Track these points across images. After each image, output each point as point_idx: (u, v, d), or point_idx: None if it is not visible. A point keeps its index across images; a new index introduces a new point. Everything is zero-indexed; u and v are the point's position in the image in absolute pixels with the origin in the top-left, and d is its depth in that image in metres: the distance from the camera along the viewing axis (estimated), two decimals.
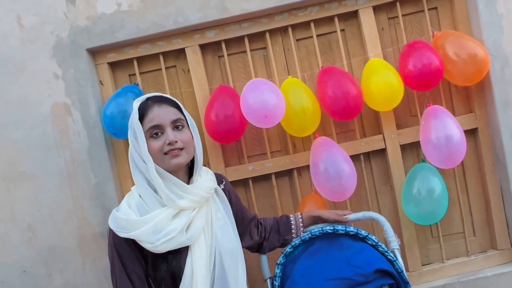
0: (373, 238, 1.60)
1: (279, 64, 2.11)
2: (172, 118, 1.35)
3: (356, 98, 1.90)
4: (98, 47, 2.03)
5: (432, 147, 1.88)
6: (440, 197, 1.88)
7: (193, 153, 1.40)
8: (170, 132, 1.33)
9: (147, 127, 1.33)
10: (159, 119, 1.34)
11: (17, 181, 2.03)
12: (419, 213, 1.91)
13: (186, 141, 1.36)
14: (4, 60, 2.01)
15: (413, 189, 1.91)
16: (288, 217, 1.71)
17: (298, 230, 1.68)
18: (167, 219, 1.31)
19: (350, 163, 1.89)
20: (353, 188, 1.88)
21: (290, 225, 1.69)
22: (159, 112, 1.34)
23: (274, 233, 1.68)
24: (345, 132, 2.12)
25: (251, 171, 2.08)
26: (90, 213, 2.03)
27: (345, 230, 1.61)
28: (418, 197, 1.89)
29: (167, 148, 1.33)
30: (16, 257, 2.04)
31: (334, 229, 1.62)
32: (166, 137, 1.33)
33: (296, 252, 1.66)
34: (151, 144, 1.33)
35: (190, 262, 1.32)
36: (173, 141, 1.32)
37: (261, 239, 1.67)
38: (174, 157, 1.33)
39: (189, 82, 2.10)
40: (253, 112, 1.84)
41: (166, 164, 1.34)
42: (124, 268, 1.32)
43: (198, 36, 2.06)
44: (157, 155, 1.33)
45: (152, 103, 1.36)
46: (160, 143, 1.33)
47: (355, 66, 2.10)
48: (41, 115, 2.02)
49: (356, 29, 2.11)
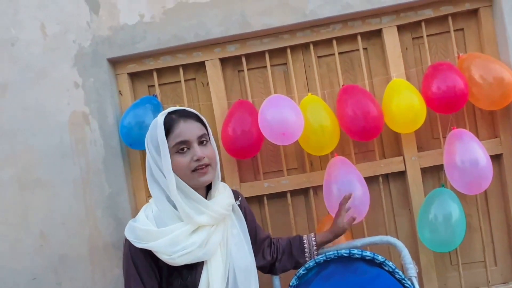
0: (390, 264, 1.55)
1: (299, 81, 2.09)
2: (198, 134, 1.34)
3: (377, 119, 1.85)
4: (119, 58, 2.04)
5: (457, 171, 1.82)
6: (458, 224, 1.81)
7: (218, 168, 1.39)
8: (197, 148, 1.32)
9: (173, 142, 1.31)
10: (185, 135, 1.32)
11: (31, 187, 2.03)
12: (434, 240, 1.84)
13: (211, 156, 1.35)
14: (26, 66, 2.03)
15: (430, 215, 1.84)
16: (301, 239, 1.66)
17: (312, 252, 1.64)
18: (185, 234, 1.29)
19: (364, 185, 1.84)
20: (365, 211, 1.83)
21: (303, 247, 1.64)
22: (186, 127, 1.33)
23: (287, 255, 1.64)
24: (364, 152, 2.07)
25: (266, 188, 2.04)
26: (102, 223, 2.01)
27: (361, 255, 1.56)
28: (435, 222, 1.83)
29: (194, 164, 1.31)
30: (26, 264, 2.04)
31: (349, 253, 1.57)
32: (193, 153, 1.31)
33: (310, 275, 1.61)
34: (177, 160, 1.31)
35: (206, 277, 1.30)
36: (201, 157, 1.31)
37: (273, 260, 1.63)
38: (203, 175, 1.32)
39: (207, 96, 2.09)
40: (271, 129, 1.81)
41: (194, 181, 1.32)
42: (141, 280, 1.30)
43: (219, 50, 2.05)
44: (183, 172, 1.31)
45: (177, 118, 1.34)
46: (187, 159, 1.31)
47: (377, 86, 2.06)
48: (59, 122, 2.02)
49: (379, 48, 2.08)
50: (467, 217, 2.01)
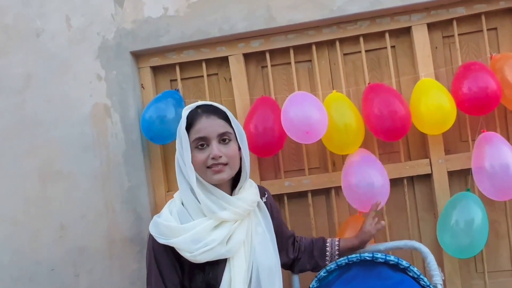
0: (415, 270, 1.49)
1: (323, 78, 2.04)
2: (219, 131, 1.31)
3: (404, 119, 1.79)
4: (142, 51, 2.02)
5: (485, 176, 1.75)
6: (480, 230, 1.75)
7: (237, 168, 1.35)
8: (215, 145, 1.29)
9: (193, 137, 1.30)
10: (205, 131, 1.30)
11: (52, 179, 2.04)
12: (454, 245, 1.78)
13: (231, 155, 1.31)
14: (50, 58, 2.04)
15: (451, 219, 1.78)
16: (325, 242, 1.62)
17: (333, 256, 1.60)
18: (207, 229, 1.27)
19: (385, 175, 1.77)
20: (385, 199, 1.77)
21: (325, 250, 1.60)
22: (207, 124, 1.30)
23: (307, 255, 1.61)
24: (388, 153, 2.01)
25: (287, 186, 2.00)
26: (121, 216, 2.01)
27: (384, 259, 1.51)
28: (455, 228, 1.76)
29: (210, 162, 1.29)
30: (46, 255, 2.04)
31: (373, 257, 1.51)
32: (210, 150, 1.29)
33: (331, 277, 1.56)
34: (196, 155, 1.29)
35: (228, 275, 1.27)
36: (217, 155, 1.28)
37: (295, 258, 1.60)
38: (217, 173, 1.29)
39: (230, 91, 2.06)
40: (294, 127, 1.77)
41: (208, 178, 1.30)
42: (161, 276, 1.29)
43: (243, 45, 2.02)
44: (200, 168, 1.30)
45: (201, 113, 1.32)
46: (204, 156, 1.29)
47: (404, 85, 2.00)
48: (81, 115, 2.02)
49: (407, 47, 2.01)
50: (495, 224, 1.97)
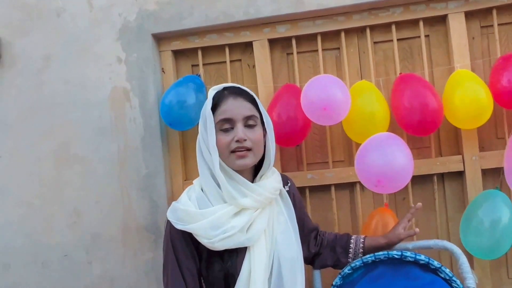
0: (447, 271, 1.38)
1: (352, 67, 1.94)
2: (245, 114, 1.25)
3: (436, 112, 1.69)
4: (164, 33, 1.95)
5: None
6: (507, 230, 1.63)
7: (261, 155, 1.29)
8: (240, 128, 1.24)
9: (218, 118, 1.25)
10: (231, 113, 1.24)
11: (68, 163, 1.99)
12: (477, 245, 1.67)
13: (255, 141, 1.25)
14: (71, 39, 1.99)
15: (476, 217, 1.68)
16: (349, 238, 1.53)
17: (356, 254, 1.50)
18: (227, 216, 1.21)
19: (409, 155, 1.56)
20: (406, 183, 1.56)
21: (349, 247, 1.51)
22: (233, 105, 1.25)
23: (329, 251, 1.52)
24: (418, 148, 1.91)
25: (309, 179, 1.92)
26: (136, 204, 1.94)
27: (414, 258, 1.41)
28: (480, 227, 1.66)
29: (234, 145, 1.23)
30: (59, 240, 1.99)
31: (402, 255, 1.42)
32: (235, 133, 1.23)
33: (355, 275, 1.47)
34: (219, 138, 1.24)
35: (248, 264, 1.21)
36: (242, 138, 1.22)
37: (316, 253, 1.52)
38: (240, 158, 1.23)
39: (253, 78, 1.98)
40: (311, 105, 1.66)
41: (231, 163, 1.24)
42: (178, 263, 1.25)
43: (268, 30, 1.94)
44: (223, 151, 1.24)
45: (228, 94, 1.27)
46: (228, 139, 1.23)
47: (437, 77, 1.89)
48: (99, 98, 1.97)
49: (442, 36, 1.90)
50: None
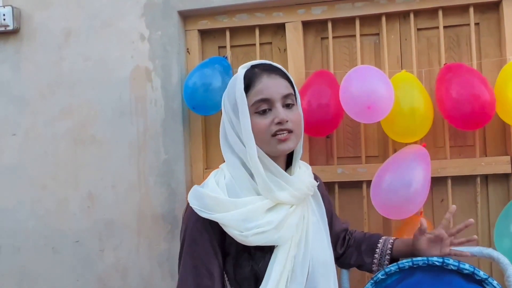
0: (495, 284, 1.23)
1: (392, 55, 1.79)
2: (283, 93, 1.09)
3: (488, 104, 1.53)
4: (191, 11, 1.84)
5: None
6: None
7: (301, 137, 1.14)
8: (280, 108, 1.07)
9: (253, 100, 1.08)
10: (268, 92, 1.07)
11: (85, 144, 1.90)
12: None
13: (296, 121, 1.10)
14: (92, 14, 1.89)
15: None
16: (378, 237, 1.38)
17: (383, 256, 1.35)
18: (261, 210, 1.06)
19: (426, 185, 1.54)
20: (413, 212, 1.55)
21: (376, 247, 1.36)
22: (270, 84, 1.08)
23: (354, 249, 1.38)
24: (461, 146, 1.75)
25: (339, 174, 1.78)
26: (154, 191, 1.84)
27: (457, 266, 1.26)
28: None
29: (275, 128, 1.07)
30: (71, 225, 1.91)
31: (443, 262, 1.27)
32: (275, 114, 1.07)
33: (389, 281, 1.32)
34: (256, 121, 1.08)
35: (274, 264, 1.06)
36: (284, 119, 1.06)
37: (343, 252, 1.39)
38: (283, 142, 1.07)
39: (284, 63, 1.84)
40: (354, 101, 1.54)
41: (272, 148, 1.08)
42: (196, 258, 1.08)
43: (303, 11, 1.80)
44: (262, 136, 1.07)
45: (260, 72, 1.10)
46: (268, 121, 1.07)
47: (486, 69, 1.73)
48: (120, 77, 1.87)
49: (494, 25, 1.74)
50: None
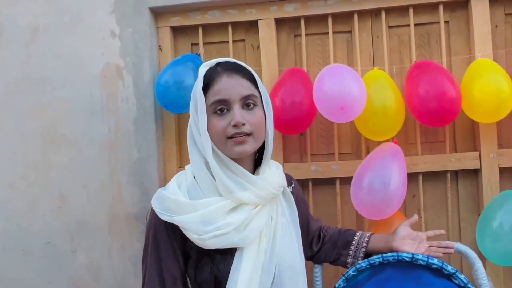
0: (462, 278, 1.25)
1: (364, 53, 1.81)
2: (243, 94, 1.07)
3: (453, 101, 1.55)
4: (163, 8, 1.81)
5: None
6: None
7: (262, 140, 1.11)
8: (237, 111, 1.05)
9: (211, 100, 1.06)
10: (226, 93, 1.06)
11: (55, 143, 1.86)
12: (495, 250, 1.56)
13: (256, 124, 1.07)
14: (61, 10, 1.85)
15: (495, 220, 1.56)
16: (354, 232, 1.40)
17: (359, 249, 1.36)
18: (222, 211, 1.05)
19: (403, 182, 1.54)
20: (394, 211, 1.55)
21: (350, 243, 1.37)
22: (228, 84, 1.06)
23: (330, 245, 1.39)
24: (432, 142, 1.78)
25: (313, 171, 1.79)
26: (126, 190, 1.81)
27: (426, 262, 1.28)
28: (499, 231, 1.54)
29: (231, 130, 1.05)
30: (42, 226, 1.87)
31: (412, 258, 1.28)
32: (232, 116, 1.05)
33: (361, 277, 1.34)
34: (213, 122, 1.06)
35: (239, 267, 1.05)
36: (240, 123, 1.04)
37: (319, 249, 1.40)
38: (238, 144, 1.05)
39: (257, 60, 1.84)
40: (327, 101, 1.55)
41: (228, 151, 1.07)
42: (158, 262, 1.08)
43: (275, 9, 1.80)
44: (218, 138, 1.06)
45: (221, 71, 1.08)
46: (224, 123, 1.05)
47: (455, 66, 1.76)
48: (91, 74, 1.83)
49: (463, 23, 1.77)
50: None
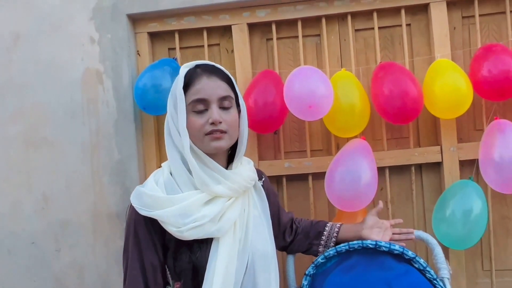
0: (421, 262, 1.36)
1: (332, 55, 1.91)
2: (220, 94, 1.16)
3: (415, 100, 1.66)
4: (140, 14, 1.89)
5: (492, 167, 1.63)
6: (478, 221, 1.64)
7: (236, 138, 1.21)
8: (215, 110, 1.15)
9: (191, 99, 1.15)
10: (205, 93, 1.15)
11: (37, 146, 1.91)
12: (449, 235, 1.68)
13: (231, 123, 1.17)
14: (41, 17, 1.91)
15: (448, 208, 1.68)
16: (325, 223, 1.50)
17: (330, 239, 1.47)
18: (198, 204, 1.13)
19: (374, 176, 1.64)
20: (368, 202, 1.64)
21: (322, 233, 1.48)
22: (208, 85, 1.15)
23: (303, 236, 1.49)
24: (397, 138, 1.89)
25: (286, 168, 1.88)
26: (108, 190, 1.88)
27: (388, 248, 1.38)
28: (452, 217, 1.66)
29: (209, 128, 1.14)
30: (26, 227, 1.92)
31: (376, 245, 1.39)
32: (210, 115, 1.14)
33: (329, 264, 1.44)
34: (192, 119, 1.15)
35: (216, 256, 1.13)
36: (217, 121, 1.14)
37: (292, 240, 1.49)
38: (215, 140, 1.15)
39: (231, 63, 1.93)
40: (296, 100, 1.64)
41: (205, 146, 1.16)
42: (138, 254, 1.15)
43: (248, 14, 1.89)
44: (196, 134, 1.15)
45: (201, 72, 1.17)
46: (202, 121, 1.15)
47: (418, 66, 1.87)
48: (71, 79, 1.89)
49: (423, 25, 1.88)
50: (505, 220, 1.86)
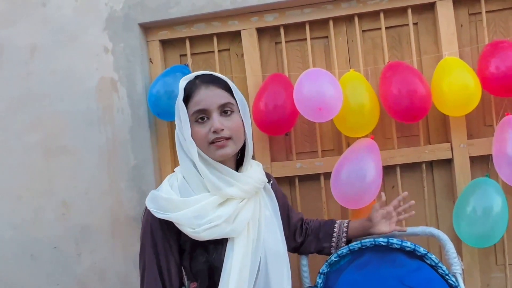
0: (433, 258, 1.39)
1: (340, 56, 1.94)
2: (220, 102, 1.20)
3: (424, 98, 1.68)
4: (151, 23, 1.94)
5: (506, 162, 1.64)
6: (499, 218, 1.65)
7: (242, 142, 1.24)
8: (216, 118, 1.19)
9: (192, 110, 1.20)
10: (205, 103, 1.19)
11: (56, 154, 1.98)
12: (471, 233, 1.69)
13: (234, 128, 1.20)
14: (56, 29, 1.97)
15: (469, 206, 1.69)
16: (333, 223, 1.54)
17: (340, 239, 1.50)
18: (212, 205, 1.17)
19: (378, 175, 1.68)
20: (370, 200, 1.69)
21: (332, 231, 1.51)
22: (206, 95, 1.20)
23: (313, 237, 1.52)
24: (407, 136, 1.91)
25: (298, 168, 1.91)
26: (125, 195, 1.94)
27: (400, 245, 1.41)
28: (473, 216, 1.67)
29: (212, 136, 1.18)
30: (48, 233, 1.99)
31: (388, 242, 1.42)
32: (211, 123, 1.19)
33: (342, 262, 1.47)
34: (196, 130, 1.19)
35: (232, 256, 1.17)
36: (219, 129, 1.18)
37: (302, 242, 1.53)
38: (220, 149, 1.19)
39: (241, 68, 1.97)
40: (306, 102, 1.67)
41: (211, 154, 1.20)
42: (155, 257, 1.19)
43: (256, 19, 1.92)
44: (201, 144, 1.19)
45: (199, 84, 1.22)
46: (205, 131, 1.19)
47: (426, 65, 1.89)
48: (87, 88, 1.95)
49: (430, 24, 1.90)
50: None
